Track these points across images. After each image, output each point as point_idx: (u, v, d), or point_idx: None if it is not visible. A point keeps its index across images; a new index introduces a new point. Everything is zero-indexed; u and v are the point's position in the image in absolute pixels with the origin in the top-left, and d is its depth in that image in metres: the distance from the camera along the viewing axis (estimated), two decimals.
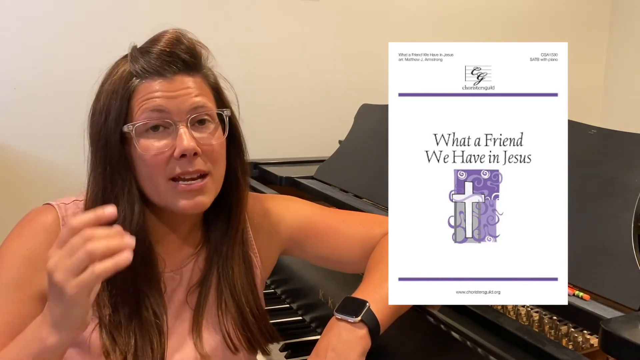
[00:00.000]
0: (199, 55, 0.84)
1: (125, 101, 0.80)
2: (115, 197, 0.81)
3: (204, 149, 0.82)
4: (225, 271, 0.89)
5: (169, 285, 0.88)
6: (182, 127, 0.80)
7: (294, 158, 1.99)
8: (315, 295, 1.31)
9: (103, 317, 0.81)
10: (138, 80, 0.80)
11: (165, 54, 0.80)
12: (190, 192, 0.81)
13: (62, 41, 1.86)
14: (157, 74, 0.80)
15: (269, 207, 0.98)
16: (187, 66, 0.82)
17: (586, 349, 0.82)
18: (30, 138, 1.87)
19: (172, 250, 0.90)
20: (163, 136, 0.80)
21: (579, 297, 0.86)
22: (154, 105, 0.79)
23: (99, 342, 0.80)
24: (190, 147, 0.79)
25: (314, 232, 0.97)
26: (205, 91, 0.84)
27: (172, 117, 0.80)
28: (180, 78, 0.81)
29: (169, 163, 0.80)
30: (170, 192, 0.81)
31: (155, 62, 0.80)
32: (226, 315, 0.89)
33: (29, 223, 0.84)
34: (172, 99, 0.80)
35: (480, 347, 0.77)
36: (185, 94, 0.80)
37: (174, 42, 0.81)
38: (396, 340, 0.96)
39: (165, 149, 0.80)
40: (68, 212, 0.85)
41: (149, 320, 0.82)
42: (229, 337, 0.88)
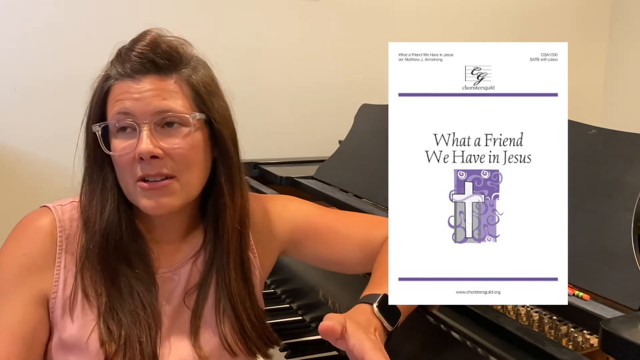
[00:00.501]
0: (175, 57, 0.83)
1: (100, 101, 0.83)
2: (92, 192, 0.85)
3: (169, 152, 0.81)
4: (223, 277, 0.89)
5: (167, 285, 0.88)
6: (145, 129, 0.80)
7: (294, 158, 1.99)
8: (315, 295, 1.31)
9: (100, 305, 0.82)
10: (112, 81, 0.82)
11: (138, 56, 0.81)
12: (152, 191, 0.81)
13: (63, 41, 1.86)
14: (127, 76, 0.81)
15: (268, 208, 0.98)
16: (159, 68, 0.81)
17: (586, 349, 0.82)
18: (30, 138, 1.87)
19: (170, 251, 0.90)
20: (129, 137, 0.81)
21: (579, 297, 0.86)
22: (120, 107, 0.80)
23: (97, 334, 0.81)
24: (145, 150, 0.79)
25: (314, 233, 0.97)
26: (178, 93, 0.82)
27: (137, 118, 0.80)
28: (149, 80, 0.81)
29: (134, 164, 0.81)
30: (136, 191, 0.82)
31: (128, 64, 0.81)
32: (224, 320, 0.89)
33: (26, 227, 0.84)
34: (137, 101, 0.80)
35: (480, 347, 0.77)
36: (150, 96, 0.80)
37: (150, 44, 0.81)
38: (396, 340, 0.96)
39: (128, 150, 0.80)
40: (65, 214, 0.85)
41: (136, 313, 0.83)
42: (226, 342, 0.88)
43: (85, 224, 0.84)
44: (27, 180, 1.89)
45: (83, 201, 0.86)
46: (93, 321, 0.82)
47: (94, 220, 0.83)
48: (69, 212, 0.86)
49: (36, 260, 0.82)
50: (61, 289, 0.83)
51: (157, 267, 0.88)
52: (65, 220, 0.85)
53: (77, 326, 0.82)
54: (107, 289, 0.83)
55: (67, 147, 0.90)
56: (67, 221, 0.85)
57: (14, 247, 0.83)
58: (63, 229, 0.84)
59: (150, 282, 0.86)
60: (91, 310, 0.83)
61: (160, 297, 0.87)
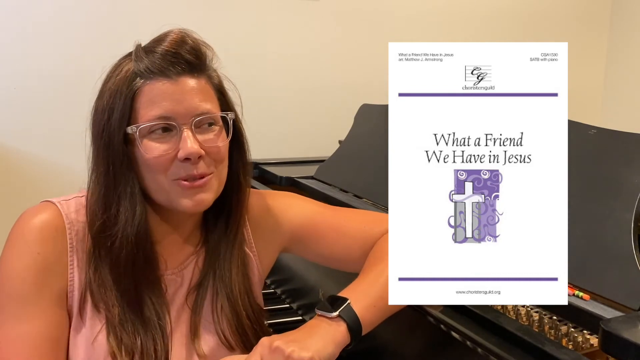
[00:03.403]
0: (203, 56, 0.83)
1: (129, 101, 0.80)
2: (118, 197, 0.81)
3: (209, 151, 0.81)
4: (222, 273, 0.89)
5: (171, 287, 0.88)
6: (187, 130, 0.79)
7: (294, 158, 1.99)
8: (315, 295, 1.31)
9: (112, 317, 0.80)
10: (142, 81, 0.79)
11: (169, 54, 0.79)
12: (192, 189, 0.81)
13: (63, 41, 1.86)
14: (162, 75, 0.79)
15: (269, 204, 0.98)
16: (192, 67, 0.81)
17: (586, 349, 0.82)
18: (31, 138, 1.87)
19: (174, 251, 0.89)
20: (167, 138, 0.80)
21: (579, 297, 0.86)
22: (160, 109, 0.79)
23: (106, 344, 0.80)
24: (194, 150, 0.79)
25: (315, 231, 0.97)
26: (210, 94, 0.83)
27: (177, 120, 0.79)
28: (184, 79, 0.80)
29: (172, 165, 0.80)
30: (175, 190, 0.81)
31: (159, 62, 0.79)
32: (222, 317, 0.88)
33: (32, 224, 0.80)
34: (177, 103, 0.79)
35: (480, 347, 0.77)
36: (190, 97, 0.80)
37: (179, 42, 0.80)
38: (396, 340, 0.96)
39: (169, 151, 0.79)
40: (70, 208, 0.83)
41: (152, 321, 0.82)
42: (224, 338, 0.88)
43: (104, 230, 0.80)
44: (27, 180, 1.88)
45: (101, 206, 0.81)
46: (101, 323, 0.81)
47: (123, 226, 0.80)
48: (75, 207, 0.83)
49: (50, 258, 0.79)
50: (76, 287, 0.81)
51: (164, 270, 0.87)
52: (73, 216, 0.82)
53: (87, 327, 0.81)
54: (121, 298, 0.81)
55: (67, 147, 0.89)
56: (75, 217, 0.82)
57: (23, 248, 0.79)
58: (71, 225, 0.82)
59: (159, 286, 0.85)
60: (100, 314, 0.81)
61: (167, 300, 0.86)
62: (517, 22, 2.52)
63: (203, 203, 0.82)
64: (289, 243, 0.99)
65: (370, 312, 0.79)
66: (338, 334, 0.75)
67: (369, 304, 0.79)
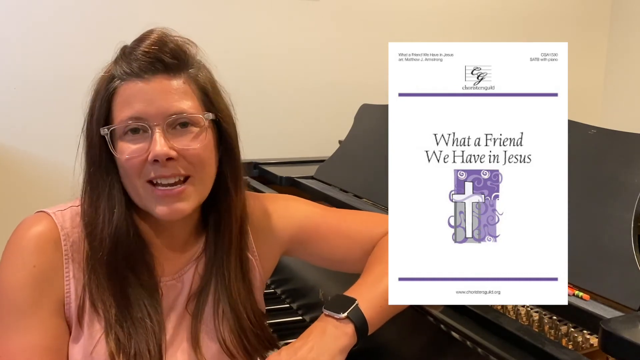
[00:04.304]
0: (183, 56, 0.81)
1: (106, 102, 0.80)
2: (97, 198, 0.81)
3: (183, 153, 0.79)
4: (222, 278, 0.88)
5: (171, 293, 0.87)
6: (158, 131, 0.78)
7: (294, 158, 1.99)
8: (315, 295, 1.31)
9: (109, 317, 0.80)
10: (118, 82, 0.79)
11: (145, 55, 0.78)
12: (167, 197, 0.79)
13: (63, 41, 1.86)
14: (136, 76, 0.78)
15: (269, 208, 0.97)
16: (168, 68, 0.79)
17: (586, 349, 0.82)
18: (30, 138, 1.87)
19: (172, 256, 0.89)
20: (140, 139, 0.79)
21: (579, 297, 0.86)
22: (131, 110, 0.78)
23: (104, 355, 0.80)
24: (162, 152, 0.77)
25: (315, 233, 0.97)
26: (188, 94, 0.81)
27: (149, 121, 0.78)
28: (159, 80, 0.79)
29: (145, 166, 0.79)
30: (149, 195, 0.80)
31: (135, 63, 0.78)
32: (223, 323, 0.88)
33: (27, 236, 0.80)
34: (148, 103, 0.78)
35: (480, 347, 0.77)
36: (162, 97, 0.78)
37: (157, 42, 0.79)
38: (396, 340, 0.96)
39: (141, 152, 0.78)
40: (66, 220, 0.83)
41: (143, 323, 0.81)
42: (224, 344, 0.87)
43: (90, 231, 0.81)
44: (27, 180, 1.88)
45: (86, 207, 0.82)
46: (99, 332, 0.81)
47: (101, 227, 0.80)
48: (70, 217, 0.83)
49: (47, 270, 0.79)
50: (73, 299, 0.81)
51: (160, 275, 0.86)
52: (67, 226, 0.82)
53: (85, 336, 0.81)
54: (115, 299, 0.81)
55: (67, 147, 0.89)
56: (70, 227, 0.82)
57: (19, 260, 0.79)
58: (67, 236, 0.81)
59: (155, 290, 0.85)
60: (98, 322, 0.81)
61: (165, 305, 0.86)
62: (517, 22, 2.52)
63: (178, 212, 0.81)
64: (290, 246, 0.98)
65: (377, 312, 0.80)
66: (346, 337, 0.76)
67: (375, 305, 0.80)
